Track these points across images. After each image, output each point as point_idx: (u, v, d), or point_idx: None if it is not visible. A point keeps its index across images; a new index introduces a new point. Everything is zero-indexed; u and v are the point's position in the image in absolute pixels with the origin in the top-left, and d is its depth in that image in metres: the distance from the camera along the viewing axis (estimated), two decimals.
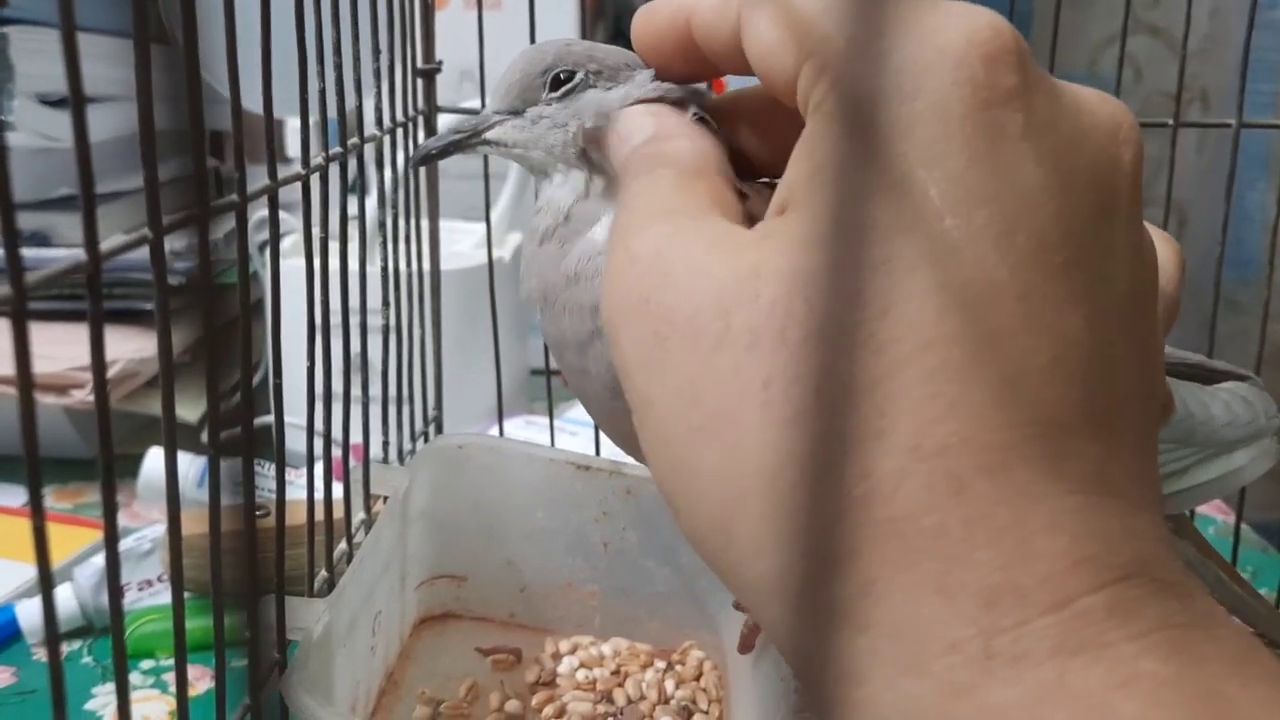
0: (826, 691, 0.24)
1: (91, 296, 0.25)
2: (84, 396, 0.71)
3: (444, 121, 0.60)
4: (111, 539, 0.26)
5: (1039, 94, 0.25)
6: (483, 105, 0.58)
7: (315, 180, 0.42)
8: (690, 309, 0.26)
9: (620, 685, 0.50)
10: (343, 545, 0.47)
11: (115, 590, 0.27)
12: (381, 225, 0.52)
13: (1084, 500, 0.24)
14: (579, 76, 0.36)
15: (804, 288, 0.25)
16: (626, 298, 0.28)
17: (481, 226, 0.61)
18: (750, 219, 0.29)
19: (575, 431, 0.75)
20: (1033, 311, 0.24)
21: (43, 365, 0.70)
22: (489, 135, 0.38)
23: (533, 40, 0.55)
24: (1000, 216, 0.24)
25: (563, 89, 0.36)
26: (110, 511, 0.26)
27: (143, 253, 0.27)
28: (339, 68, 0.44)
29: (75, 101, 0.24)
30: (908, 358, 0.24)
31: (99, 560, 0.59)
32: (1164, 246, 0.33)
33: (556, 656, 0.53)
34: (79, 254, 0.25)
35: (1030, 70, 0.25)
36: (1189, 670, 0.22)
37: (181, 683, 0.32)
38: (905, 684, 0.23)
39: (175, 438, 0.29)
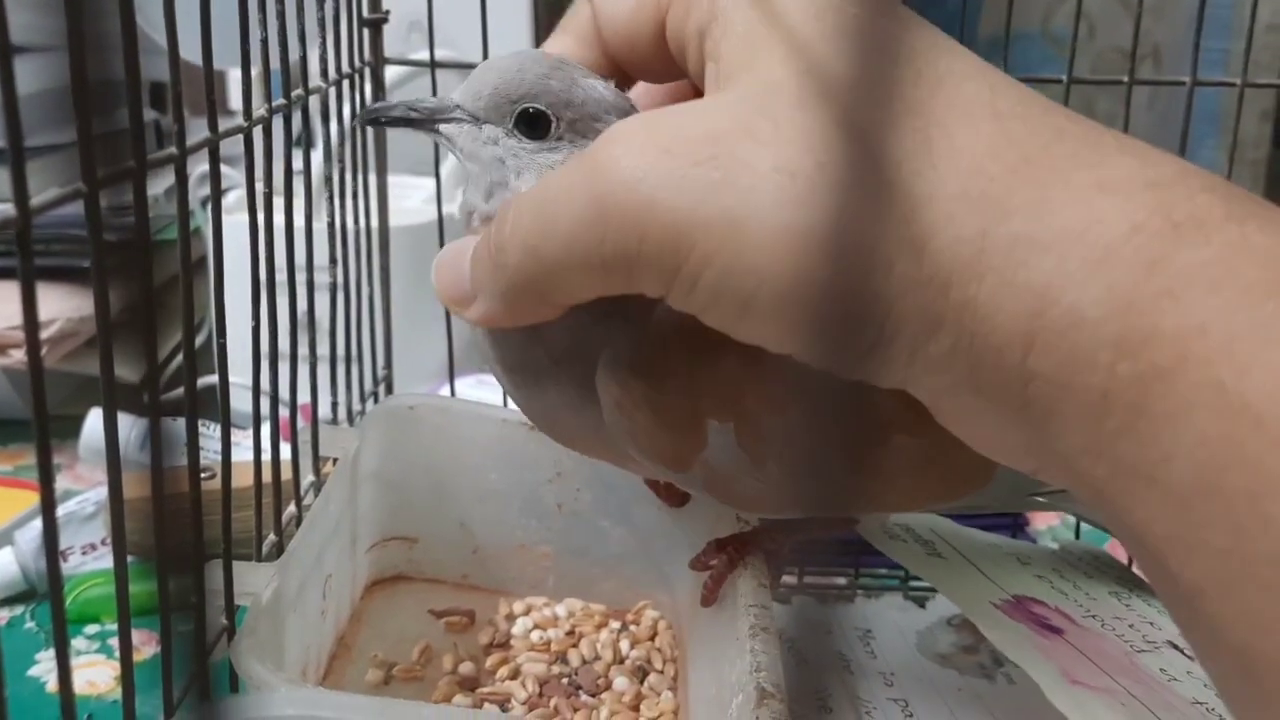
0: (1017, 335, 0.27)
1: (22, 254, 0.24)
2: (23, 356, 0.70)
3: (391, 74, 0.59)
4: (48, 503, 0.26)
5: None
6: (431, 58, 0.57)
7: (258, 133, 0.40)
8: (737, 133, 0.28)
9: (575, 646, 0.50)
10: (291, 508, 0.46)
11: (53, 555, 0.27)
12: (328, 180, 0.50)
13: (1142, 143, 0.28)
14: (550, 130, 0.35)
15: (807, 78, 0.29)
16: (666, 186, 0.28)
17: (431, 182, 0.60)
18: None
19: None
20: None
21: None
22: (443, 128, 0.37)
23: None
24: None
25: (528, 129, 0.36)
26: (46, 475, 0.25)
27: (80, 208, 0.26)
28: (282, 16, 0.42)
29: (2, 49, 0.23)
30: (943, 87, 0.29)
31: (40, 524, 0.58)
32: None
33: (510, 618, 0.52)
34: (9, 209, 0.24)
35: None
36: None
37: (126, 648, 0.32)
38: (1102, 276, 0.26)
39: (115, 398, 0.28)
